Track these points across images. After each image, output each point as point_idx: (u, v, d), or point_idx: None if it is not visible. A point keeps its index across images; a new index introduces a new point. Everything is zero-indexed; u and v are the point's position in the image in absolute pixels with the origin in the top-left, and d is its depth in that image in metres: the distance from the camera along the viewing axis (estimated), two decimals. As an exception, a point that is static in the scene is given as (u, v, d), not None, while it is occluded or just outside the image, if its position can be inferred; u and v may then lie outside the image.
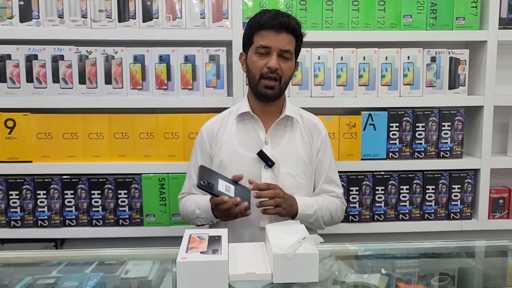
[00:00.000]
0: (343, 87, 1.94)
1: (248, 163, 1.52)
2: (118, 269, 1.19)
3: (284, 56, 1.49)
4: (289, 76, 1.53)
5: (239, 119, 1.58)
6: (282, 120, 1.57)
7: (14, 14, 1.83)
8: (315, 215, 1.51)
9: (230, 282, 0.99)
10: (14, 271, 1.25)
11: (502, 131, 2.18)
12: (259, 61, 1.49)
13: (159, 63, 1.88)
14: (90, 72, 1.87)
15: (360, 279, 1.16)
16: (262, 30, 1.48)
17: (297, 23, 1.50)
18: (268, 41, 1.47)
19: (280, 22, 1.45)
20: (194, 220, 1.58)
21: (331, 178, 1.63)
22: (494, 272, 1.30)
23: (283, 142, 1.56)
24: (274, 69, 1.47)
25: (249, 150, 1.54)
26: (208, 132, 1.60)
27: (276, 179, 1.52)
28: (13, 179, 1.89)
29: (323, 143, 1.62)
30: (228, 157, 1.54)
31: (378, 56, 1.94)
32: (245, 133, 1.56)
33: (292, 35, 1.49)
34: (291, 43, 1.49)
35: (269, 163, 1.51)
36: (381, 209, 2.00)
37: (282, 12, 1.49)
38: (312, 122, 1.62)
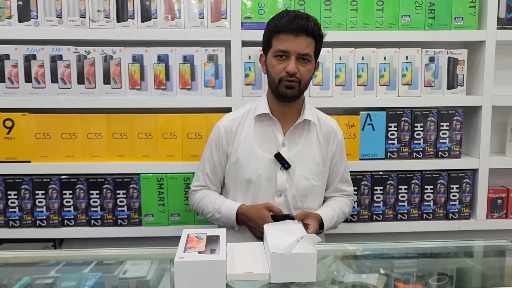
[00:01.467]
0: (342, 87, 1.94)
1: (265, 164, 1.55)
2: (117, 269, 1.19)
3: (303, 59, 1.49)
4: (309, 78, 1.54)
5: (258, 119, 1.59)
6: (300, 123, 1.59)
7: (13, 14, 1.83)
8: (334, 225, 1.61)
9: (228, 282, 0.99)
10: (13, 271, 1.25)
11: (500, 131, 2.18)
12: (278, 65, 1.50)
13: (157, 63, 1.88)
14: (88, 72, 1.87)
15: (358, 279, 1.16)
16: (281, 34, 1.48)
17: (316, 25, 1.50)
18: (286, 45, 1.47)
19: (299, 26, 1.45)
20: (210, 220, 1.63)
21: (346, 178, 1.71)
22: (492, 272, 1.30)
23: (300, 145, 1.58)
24: (293, 73, 1.47)
25: (266, 151, 1.56)
26: (226, 129, 1.61)
27: (291, 181, 1.56)
28: (12, 179, 1.88)
29: (339, 147, 1.66)
30: (245, 157, 1.57)
31: (377, 56, 1.94)
32: (263, 134, 1.58)
33: (311, 37, 1.49)
34: (310, 46, 1.49)
35: (285, 166, 1.54)
36: (379, 209, 2.01)
37: (301, 14, 1.49)
38: (328, 125, 1.65)
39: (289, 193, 1.56)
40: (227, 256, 1.01)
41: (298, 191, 1.56)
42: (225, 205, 1.57)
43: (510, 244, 1.37)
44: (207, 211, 1.61)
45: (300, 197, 1.57)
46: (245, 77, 1.91)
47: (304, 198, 1.58)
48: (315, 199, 1.61)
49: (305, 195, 1.57)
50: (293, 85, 1.49)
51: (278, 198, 1.56)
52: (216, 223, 1.63)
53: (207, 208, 1.60)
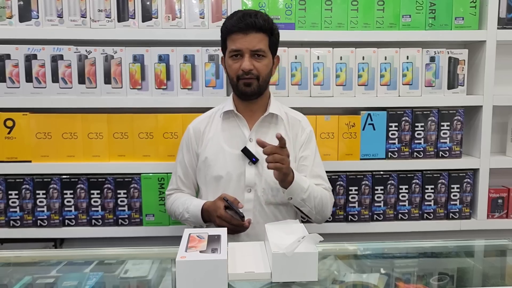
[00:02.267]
0: (342, 87, 1.94)
1: (233, 159, 1.56)
2: (118, 268, 1.19)
3: (257, 55, 1.51)
4: (267, 73, 1.55)
5: (225, 117, 1.62)
6: (266, 118, 1.60)
7: (14, 13, 1.83)
8: (308, 191, 1.49)
9: (229, 281, 1.00)
10: (14, 270, 1.25)
11: (501, 131, 2.18)
12: (233, 64, 1.53)
13: (158, 63, 1.88)
14: (89, 72, 1.87)
15: (359, 278, 1.17)
16: (232, 34, 1.51)
17: (266, 20, 1.52)
18: (238, 44, 1.50)
19: (247, 23, 1.48)
20: (182, 221, 1.63)
21: (317, 173, 1.62)
22: (493, 271, 1.30)
23: (267, 139, 1.57)
24: (248, 70, 1.50)
25: (233, 147, 1.57)
26: (195, 130, 1.65)
27: (260, 175, 1.55)
28: (13, 179, 1.88)
29: (307, 139, 1.64)
30: (213, 154, 1.58)
31: (377, 56, 1.94)
32: (230, 131, 1.60)
33: (262, 32, 1.51)
34: (263, 41, 1.52)
35: (253, 160, 1.54)
36: (380, 209, 2.01)
37: (249, 12, 1.51)
38: (296, 120, 1.65)
39: (259, 187, 1.55)
40: (228, 256, 1.01)
41: (268, 185, 1.55)
42: (193, 203, 1.57)
43: (510, 243, 1.37)
44: (178, 212, 1.61)
45: (271, 191, 1.56)
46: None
47: (275, 192, 1.55)
48: None
49: (276, 189, 1.55)
50: (250, 82, 1.52)
51: (248, 193, 1.55)
52: (187, 223, 1.62)
53: (178, 209, 1.61)
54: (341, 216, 1.99)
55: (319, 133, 1.94)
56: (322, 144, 1.95)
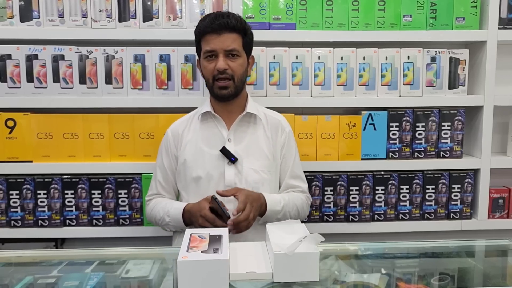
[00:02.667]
0: (343, 87, 1.94)
1: (212, 160, 1.57)
2: (119, 268, 1.19)
3: (231, 55, 1.53)
4: (242, 73, 1.57)
5: (202, 119, 1.63)
6: (244, 117, 1.61)
7: (15, 14, 1.83)
8: (282, 211, 1.55)
9: (231, 281, 0.99)
10: (15, 270, 1.25)
11: (502, 131, 2.18)
12: (208, 65, 1.54)
13: (159, 63, 1.88)
14: (90, 72, 1.87)
15: (360, 278, 1.16)
16: (206, 35, 1.53)
17: (238, 20, 1.53)
18: (212, 44, 1.51)
19: (220, 24, 1.50)
20: (162, 226, 1.61)
21: (296, 174, 1.67)
22: (493, 271, 1.29)
23: (246, 139, 1.60)
24: (223, 70, 1.51)
25: (212, 147, 1.58)
26: (174, 133, 1.64)
27: (240, 175, 1.56)
28: (14, 179, 1.89)
29: (287, 139, 1.66)
30: (192, 156, 1.58)
31: (378, 56, 1.94)
32: (208, 132, 1.61)
33: (235, 32, 1.53)
34: (236, 41, 1.53)
35: (232, 159, 1.55)
36: (381, 209, 2.01)
37: (222, 13, 1.54)
38: (275, 119, 1.66)
39: (239, 187, 1.54)
40: (229, 256, 1.00)
41: (248, 184, 1.55)
42: (173, 207, 1.56)
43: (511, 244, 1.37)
44: (158, 217, 1.59)
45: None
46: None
47: (255, 191, 1.54)
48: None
49: (256, 188, 1.55)
50: (227, 84, 1.53)
51: None
52: (168, 228, 1.60)
53: (158, 214, 1.59)
54: (342, 216, 1.99)
55: (320, 133, 1.94)
56: (323, 144, 1.95)
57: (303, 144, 1.94)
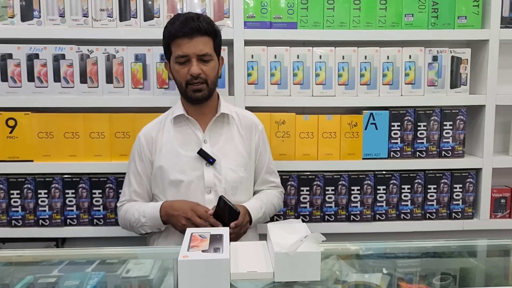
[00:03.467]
0: (345, 86, 1.94)
1: (189, 162, 1.56)
2: (119, 268, 1.19)
3: (204, 59, 1.52)
4: (214, 76, 1.57)
5: (176, 122, 1.61)
6: (218, 118, 1.61)
7: (16, 13, 1.83)
8: (263, 215, 1.62)
9: (232, 281, 0.99)
10: (15, 270, 1.25)
11: (504, 131, 2.17)
12: (181, 69, 1.53)
13: (160, 62, 1.88)
14: (91, 71, 1.87)
15: (361, 278, 1.16)
16: (176, 39, 1.51)
17: (209, 23, 1.53)
18: (184, 49, 1.50)
19: (191, 28, 1.48)
20: (137, 229, 1.59)
21: (271, 169, 1.74)
22: (495, 271, 1.29)
23: (222, 139, 1.61)
24: (197, 74, 1.50)
25: (189, 150, 1.57)
26: (146, 137, 1.62)
27: (219, 175, 1.56)
28: (14, 178, 1.88)
29: (261, 138, 1.70)
30: (169, 160, 1.57)
31: (380, 55, 1.93)
32: (183, 135, 1.60)
33: (207, 36, 1.52)
34: (208, 44, 1.52)
35: (210, 160, 1.55)
36: (382, 209, 2.00)
37: (191, 16, 1.51)
38: (248, 118, 1.68)
39: (219, 188, 1.56)
40: (230, 255, 1.00)
41: (227, 184, 1.56)
42: (149, 206, 1.56)
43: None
44: (133, 219, 1.57)
45: (231, 190, 1.57)
46: (247, 76, 1.91)
47: (234, 191, 1.58)
48: (244, 192, 1.62)
49: (235, 187, 1.58)
50: (201, 88, 1.53)
51: (208, 194, 1.56)
52: (143, 230, 1.58)
53: (133, 216, 1.57)
54: (343, 216, 1.99)
55: (321, 133, 1.94)
56: (324, 143, 1.95)
57: (304, 143, 1.94)
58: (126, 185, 1.66)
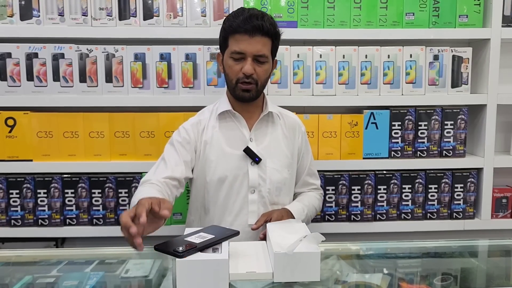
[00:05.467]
0: (345, 85, 1.93)
1: (235, 160, 1.53)
2: (119, 268, 1.19)
3: (259, 60, 1.47)
4: (266, 78, 1.53)
5: (221, 117, 1.58)
6: (264, 117, 1.58)
7: (15, 12, 1.83)
8: (306, 218, 1.59)
9: (231, 281, 0.99)
10: (14, 270, 1.25)
11: (505, 130, 2.17)
12: (234, 65, 1.48)
13: (160, 61, 1.88)
14: (90, 71, 1.86)
15: (362, 278, 1.16)
16: (236, 34, 1.45)
17: (272, 24, 1.47)
18: (242, 46, 1.45)
19: (254, 26, 1.43)
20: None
21: (313, 171, 1.72)
22: (497, 271, 1.29)
23: (267, 139, 1.58)
24: (249, 74, 1.46)
25: (234, 148, 1.54)
26: (193, 128, 1.56)
27: (264, 175, 1.54)
28: (14, 178, 1.88)
29: (304, 139, 1.67)
30: (214, 156, 1.54)
31: (380, 54, 1.93)
32: (229, 132, 1.56)
33: (267, 37, 1.47)
34: (266, 46, 1.48)
35: (256, 160, 1.52)
36: (383, 209, 1.99)
37: (256, 13, 1.46)
38: (291, 119, 1.66)
39: (264, 188, 1.53)
40: (229, 255, 1.00)
41: (272, 184, 1.54)
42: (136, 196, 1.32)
43: (515, 243, 1.36)
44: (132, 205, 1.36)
45: (275, 191, 1.55)
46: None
47: (278, 192, 1.55)
48: (287, 194, 1.60)
49: (279, 188, 1.55)
50: (250, 88, 1.48)
51: (252, 194, 1.53)
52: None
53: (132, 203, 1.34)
54: (344, 216, 1.98)
55: (322, 132, 1.93)
56: (325, 143, 1.94)
57: (304, 143, 1.93)
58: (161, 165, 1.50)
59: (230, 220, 1.52)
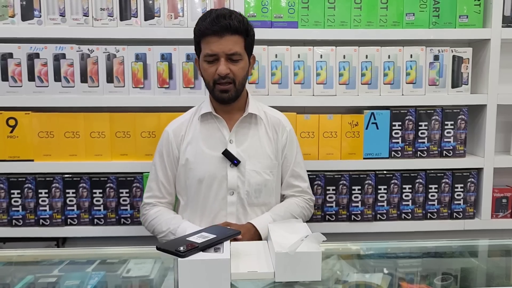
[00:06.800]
0: (345, 85, 1.93)
1: (214, 162, 1.54)
2: (120, 268, 1.19)
3: (233, 59, 1.47)
4: (243, 76, 1.53)
5: (203, 119, 1.59)
6: (245, 118, 1.58)
7: (16, 12, 1.83)
8: None
9: (232, 281, 0.99)
10: (16, 269, 1.25)
11: (505, 130, 2.17)
12: (209, 68, 1.49)
13: (160, 61, 1.88)
14: (91, 71, 1.87)
15: (362, 278, 1.16)
16: (206, 37, 1.46)
17: (240, 21, 1.47)
18: (213, 47, 1.45)
19: (222, 26, 1.43)
20: (160, 239, 1.56)
21: (297, 173, 1.65)
22: (497, 271, 1.29)
23: (248, 140, 1.57)
24: (224, 74, 1.46)
25: (214, 149, 1.55)
26: (175, 133, 1.59)
27: (242, 177, 1.54)
28: (15, 178, 1.88)
29: (288, 138, 1.64)
30: (194, 157, 1.55)
31: (381, 54, 1.93)
32: (209, 133, 1.57)
33: (237, 34, 1.47)
34: (238, 44, 1.47)
35: (234, 162, 1.52)
36: (383, 209, 2.00)
37: (223, 13, 1.46)
38: (276, 118, 1.64)
39: (242, 190, 1.54)
40: (231, 255, 1.00)
41: (250, 187, 1.54)
42: (181, 226, 1.50)
43: (515, 243, 1.36)
44: (160, 230, 1.54)
45: (254, 193, 1.54)
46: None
47: (258, 193, 1.55)
48: (270, 194, 1.59)
49: (258, 190, 1.55)
50: (227, 88, 1.49)
51: (231, 196, 1.54)
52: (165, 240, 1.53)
53: (161, 228, 1.53)
54: (344, 216, 1.99)
55: (322, 132, 1.94)
56: (325, 143, 1.94)
57: (305, 143, 1.93)
58: (152, 180, 1.61)
59: (209, 221, 1.53)
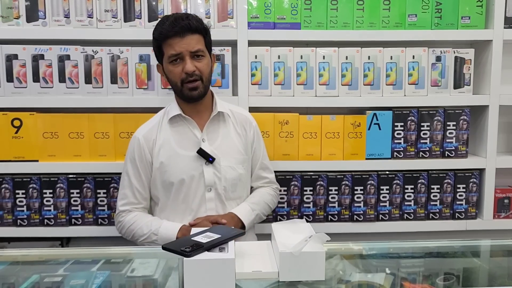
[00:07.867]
0: (348, 86, 1.94)
1: (189, 162, 1.57)
2: (124, 267, 1.20)
3: (197, 56, 1.53)
4: (209, 72, 1.58)
5: (172, 122, 1.61)
6: (215, 117, 1.62)
7: (21, 14, 1.84)
8: (257, 217, 1.65)
9: (237, 281, 1.00)
10: (21, 269, 1.26)
11: (507, 131, 2.17)
12: (175, 69, 1.53)
13: (164, 62, 1.89)
14: (96, 72, 1.88)
15: (365, 278, 1.16)
16: (168, 39, 1.51)
17: (198, 21, 1.54)
18: (177, 47, 1.50)
19: (182, 27, 1.50)
20: (142, 242, 1.57)
21: (265, 165, 1.75)
22: (499, 271, 1.29)
23: (219, 137, 1.62)
24: (192, 72, 1.51)
25: (188, 149, 1.58)
26: (146, 139, 1.61)
27: (218, 174, 1.58)
28: (20, 178, 1.90)
29: (255, 134, 1.72)
30: (168, 160, 1.58)
31: (383, 55, 1.93)
32: (181, 134, 1.60)
33: (197, 33, 1.53)
34: (200, 42, 1.54)
35: (209, 159, 1.56)
36: (385, 209, 2.00)
37: (180, 15, 1.53)
38: (242, 116, 1.70)
39: (219, 186, 1.58)
40: (236, 255, 1.01)
41: (227, 182, 1.59)
42: (163, 225, 1.53)
43: (517, 244, 1.36)
44: (140, 233, 1.55)
45: (230, 188, 1.60)
46: (251, 77, 1.92)
47: (234, 188, 1.61)
48: (243, 188, 1.66)
49: (234, 185, 1.61)
50: (196, 85, 1.53)
51: (209, 193, 1.58)
52: (147, 245, 1.55)
53: (141, 231, 1.54)
54: (347, 216, 1.99)
55: (325, 133, 1.94)
56: (328, 143, 1.95)
57: (307, 143, 1.94)
58: (126, 187, 1.62)
59: (190, 219, 1.56)
